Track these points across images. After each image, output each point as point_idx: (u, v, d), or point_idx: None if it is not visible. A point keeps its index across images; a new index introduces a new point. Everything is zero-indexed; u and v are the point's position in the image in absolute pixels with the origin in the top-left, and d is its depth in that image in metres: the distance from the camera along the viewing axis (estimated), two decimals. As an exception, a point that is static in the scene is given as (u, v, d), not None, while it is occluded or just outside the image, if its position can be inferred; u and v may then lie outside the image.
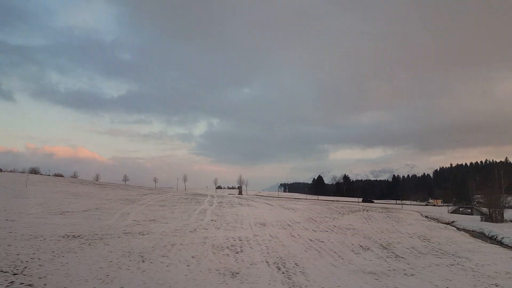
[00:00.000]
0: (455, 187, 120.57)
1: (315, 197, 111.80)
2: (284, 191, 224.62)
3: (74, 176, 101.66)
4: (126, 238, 16.71)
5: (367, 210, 45.24)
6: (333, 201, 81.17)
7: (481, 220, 56.82)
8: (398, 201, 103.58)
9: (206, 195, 57.11)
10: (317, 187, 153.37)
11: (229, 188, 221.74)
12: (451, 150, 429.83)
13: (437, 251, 18.64)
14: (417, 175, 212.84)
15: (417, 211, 56.22)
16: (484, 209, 55.30)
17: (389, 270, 13.47)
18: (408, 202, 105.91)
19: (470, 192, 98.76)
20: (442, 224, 36.86)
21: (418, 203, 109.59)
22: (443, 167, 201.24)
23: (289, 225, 26.07)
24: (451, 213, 64.90)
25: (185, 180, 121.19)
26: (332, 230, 24.40)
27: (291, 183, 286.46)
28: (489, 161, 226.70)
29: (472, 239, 25.20)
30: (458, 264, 15.33)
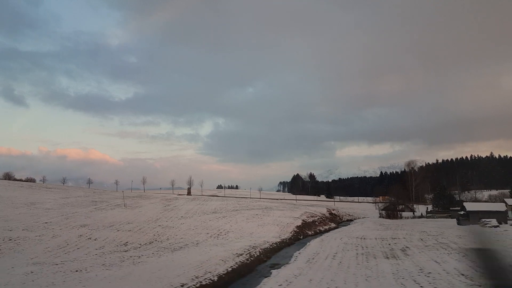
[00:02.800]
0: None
1: (293, 196, 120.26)
2: (284, 189, 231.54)
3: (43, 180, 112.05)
4: None
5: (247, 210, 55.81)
6: (281, 199, 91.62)
7: (379, 217, 67.98)
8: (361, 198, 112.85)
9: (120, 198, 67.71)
10: (293, 186, 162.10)
11: (229, 187, 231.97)
12: (460, 145, 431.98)
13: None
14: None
15: (329, 207, 66.54)
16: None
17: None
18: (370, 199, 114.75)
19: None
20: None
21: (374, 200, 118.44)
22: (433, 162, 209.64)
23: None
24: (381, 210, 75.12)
25: (144, 181, 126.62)
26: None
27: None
28: (475, 156, 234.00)
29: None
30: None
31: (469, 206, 48.29)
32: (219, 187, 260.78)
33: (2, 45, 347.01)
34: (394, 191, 73.47)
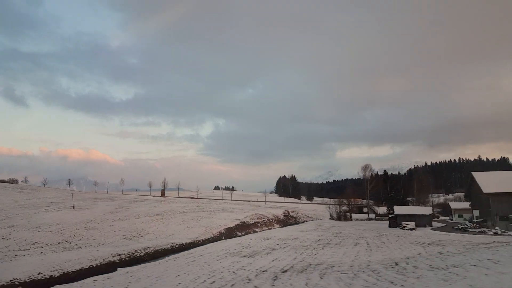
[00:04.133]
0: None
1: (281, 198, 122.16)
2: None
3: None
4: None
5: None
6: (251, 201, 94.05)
7: (330, 219, 70.28)
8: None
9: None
10: (277, 188, 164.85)
11: (226, 189, 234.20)
12: (461, 146, 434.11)
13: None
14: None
15: (291, 209, 68.89)
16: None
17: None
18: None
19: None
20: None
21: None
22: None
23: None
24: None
25: (122, 183, 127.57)
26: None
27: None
28: (463, 159, 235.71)
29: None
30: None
31: (398, 210, 50.45)
32: (216, 188, 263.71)
33: (3, 45, 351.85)
34: (348, 194, 75.75)
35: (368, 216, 74.22)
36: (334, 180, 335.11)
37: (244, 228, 51.46)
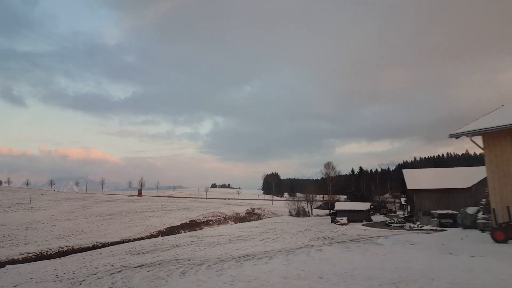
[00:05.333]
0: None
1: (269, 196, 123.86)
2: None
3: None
4: None
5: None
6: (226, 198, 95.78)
7: (289, 215, 71.97)
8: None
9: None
10: (264, 185, 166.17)
11: (222, 186, 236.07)
12: (459, 141, 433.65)
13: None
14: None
15: (258, 206, 71.15)
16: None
17: None
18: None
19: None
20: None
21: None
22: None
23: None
24: (315, 208, 79.44)
25: (102, 182, 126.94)
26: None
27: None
28: (451, 154, 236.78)
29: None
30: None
31: (338, 206, 52.40)
32: (213, 186, 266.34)
33: (0, 45, 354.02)
34: (309, 191, 77.59)
35: (330, 212, 76.24)
36: (329, 176, 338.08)
37: (191, 226, 53.49)
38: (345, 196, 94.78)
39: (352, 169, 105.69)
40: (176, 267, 18.07)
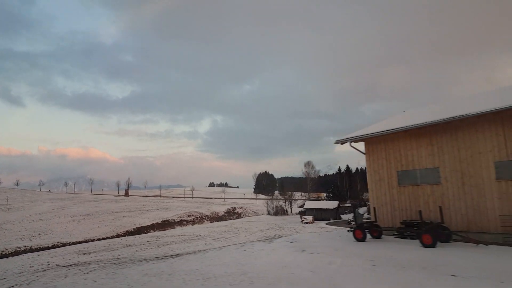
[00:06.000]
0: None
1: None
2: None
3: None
4: None
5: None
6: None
7: (267, 214, 72.95)
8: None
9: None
10: (255, 185, 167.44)
11: (220, 185, 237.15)
12: None
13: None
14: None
15: (240, 205, 72.26)
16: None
17: None
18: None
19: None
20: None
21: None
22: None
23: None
24: (299, 206, 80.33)
25: (91, 182, 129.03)
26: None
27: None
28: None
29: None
30: None
31: (308, 205, 53.46)
32: (211, 185, 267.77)
33: None
34: (290, 189, 78.74)
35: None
36: (325, 174, 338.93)
37: (162, 226, 54.63)
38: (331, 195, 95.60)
39: (339, 167, 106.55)
40: (99, 266, 19.20)
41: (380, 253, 11.19)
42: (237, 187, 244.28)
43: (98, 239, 42.38)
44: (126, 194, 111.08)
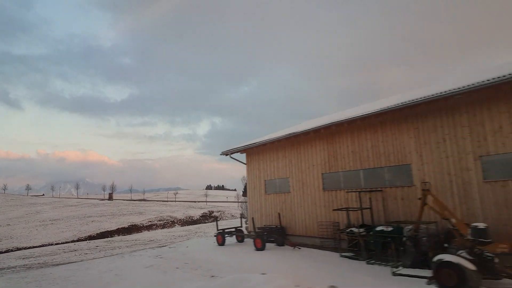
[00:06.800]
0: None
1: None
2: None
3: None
4: None
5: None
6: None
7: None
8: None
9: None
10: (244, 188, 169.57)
11: (217, 188, 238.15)
12: None
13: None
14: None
15: (218, 208, 73.65)
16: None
17: None
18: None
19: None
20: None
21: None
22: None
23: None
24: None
25: (78, 187, 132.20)
26: None
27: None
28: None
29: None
30: None
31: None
32: (209, 187, 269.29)
33: None
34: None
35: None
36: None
37: (128, 230, 55.71)
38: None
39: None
40: (17, 270, 20.60)
41: (208, 256, 12.72)
42: (235, 190, 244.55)
43: (57, 244, 43.60)
44: (110, 198, 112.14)
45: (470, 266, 6.65)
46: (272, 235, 14.10)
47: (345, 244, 11.34)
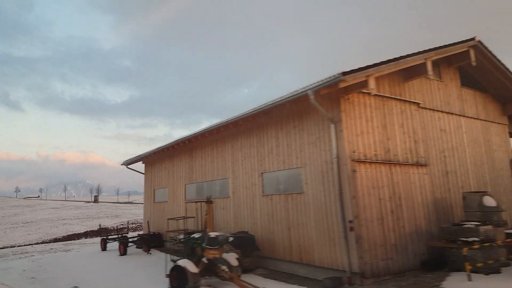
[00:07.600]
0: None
1: None
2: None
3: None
4: None
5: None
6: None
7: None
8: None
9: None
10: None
11: None
12: None
13: None
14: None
15: None
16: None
17: None
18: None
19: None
20: None
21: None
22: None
23: None
24: None
25: (51, 191, 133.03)
26: None
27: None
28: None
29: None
30: None
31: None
32: None
33: None
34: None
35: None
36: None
37: (98, 233, 57.06)
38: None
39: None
40: None
41: (66, 261, 14.10)
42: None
43: (19, 246, 44.89)
44: (95, 200, 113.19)
45: (193, 269, 7.98)
46: (153, 241, 15.46)
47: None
